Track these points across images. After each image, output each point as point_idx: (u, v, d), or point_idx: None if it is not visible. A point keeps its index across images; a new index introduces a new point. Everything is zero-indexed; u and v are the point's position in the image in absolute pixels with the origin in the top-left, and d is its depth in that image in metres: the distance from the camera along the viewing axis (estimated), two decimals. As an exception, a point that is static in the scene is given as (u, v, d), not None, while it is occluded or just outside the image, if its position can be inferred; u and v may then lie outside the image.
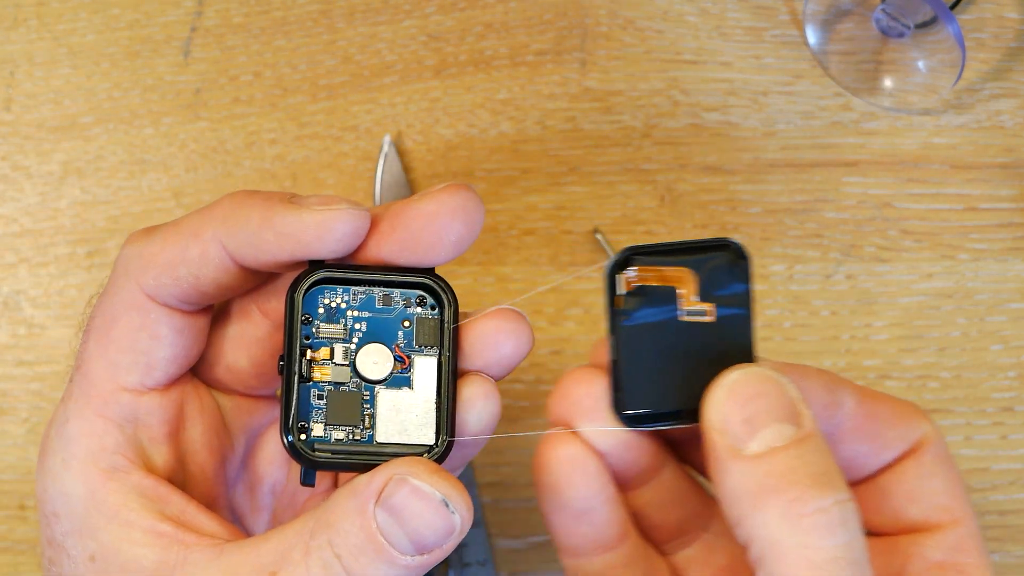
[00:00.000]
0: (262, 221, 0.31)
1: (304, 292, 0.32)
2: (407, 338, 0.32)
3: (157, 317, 0.33)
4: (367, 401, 0.32)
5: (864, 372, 0.54)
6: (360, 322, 0.32)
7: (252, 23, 0.58)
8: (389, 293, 0.32)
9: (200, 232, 0.32)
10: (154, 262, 0.32)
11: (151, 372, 0.33)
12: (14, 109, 0.57)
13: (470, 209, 0.32)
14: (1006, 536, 0.53)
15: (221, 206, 0.32)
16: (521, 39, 0.57)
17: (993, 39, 0.57)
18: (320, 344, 0.32)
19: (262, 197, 0.32)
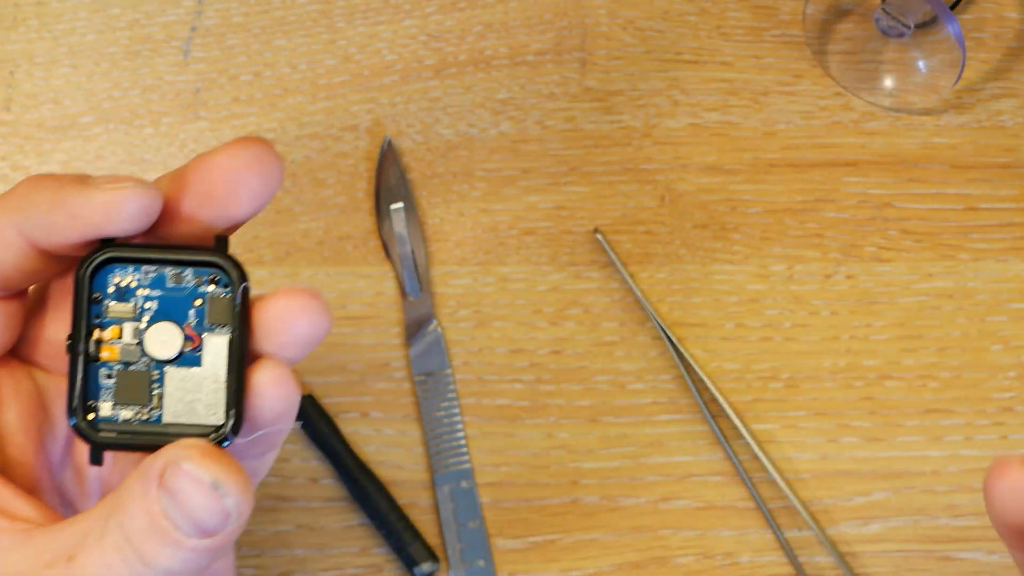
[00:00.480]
0: (52, 204, 0.31)
1: (93, 270, 0.31)
2: (199, 317, 0.32)
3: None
4: (156, 381, 0.32)
5: (864, 372, 0.54)
6: (151, 300, 0.32)
7: (252, 23, 0.58)
8: (181, 271, 0.32)
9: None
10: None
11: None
12: (14, 109, 0.57)
13: (265, 162, 0.32)
14: (1006, 536, 0.53)
15: (15, 192, 0.32)
16: (521, 39, 0.57)
17: (993, 39, 0.57)
18: (109, 323, 0.32)
19: (53, 180, 0.32)
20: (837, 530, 0.53)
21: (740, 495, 0.54)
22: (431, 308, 0.55)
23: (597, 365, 0.55)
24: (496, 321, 0.55)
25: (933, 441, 0.54)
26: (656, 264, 0.55)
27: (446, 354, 0.55)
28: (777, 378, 0.55)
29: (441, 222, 0.56)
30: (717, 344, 0.55)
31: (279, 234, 0.56)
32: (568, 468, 0.54)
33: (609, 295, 0.55)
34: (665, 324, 0.55)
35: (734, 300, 0.55)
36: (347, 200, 0.56)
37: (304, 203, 0.56)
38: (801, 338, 0.55)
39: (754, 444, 0.54)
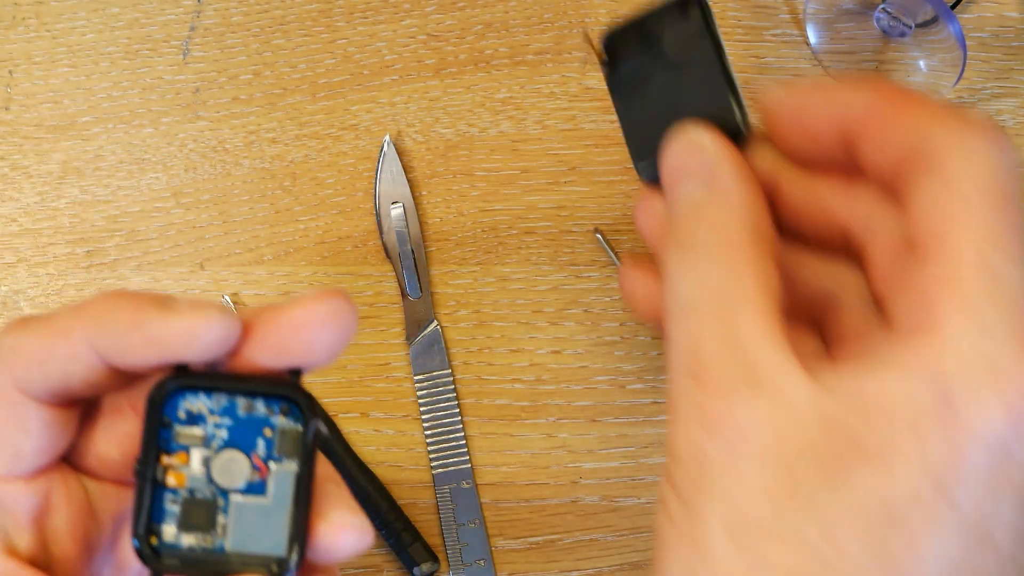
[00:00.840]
0: (131, 325, 0.31)
1: (165, 396, 0.31)
2: (267, 447, 0.32)
3: (27, 410, 0.32)
4: (221, 508, 0.32)
5: (865, 372, 0.54)
6: (220, 428, 0.32)
7: (251, 22, 0.58)
8: (252, 401, 0.32)
9: (69, 331, 0.32)
10: (25, 356, 0.32)
11: (18, 462, 0.33)
12: (13, 108, 0.57)
13: (342, 316, 0.32)
14: (1006, 536, 0.53)
15: (92, 306, 0.32)
16: (521, 38, 0.57)
17: (994, 38, 0.57)
18: (178, 448, 0.32)
19: (133, 299, 0.31)
20: (837, 530, 0.53)
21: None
22: (431, 308, 0.55)
23: (597, 365, 0.55)
24: (496, 321, 0.55)
25: (933, 441, 0.54)
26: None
27: (446, 354, 0.55)
28: (777, 378, 0.55)
29: (441, 222, 0.56)
30: (717, 344, 0.55)
31: (279, 234, 0.56)
32: (568, 468, 0.54)
33: (609, 295, 0.55)
34: (665, 324, 0.55)
35: (734, 300, 0.55)
36: (347, 200, 0.56)
37: (304, 203, 0.56)
38: (801, 338, 0.55)
39: (754, 444, 0.54)
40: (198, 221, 0.56)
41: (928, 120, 0.32)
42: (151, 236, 0.56)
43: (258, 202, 0.56)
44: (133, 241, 0.56)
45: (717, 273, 0.33)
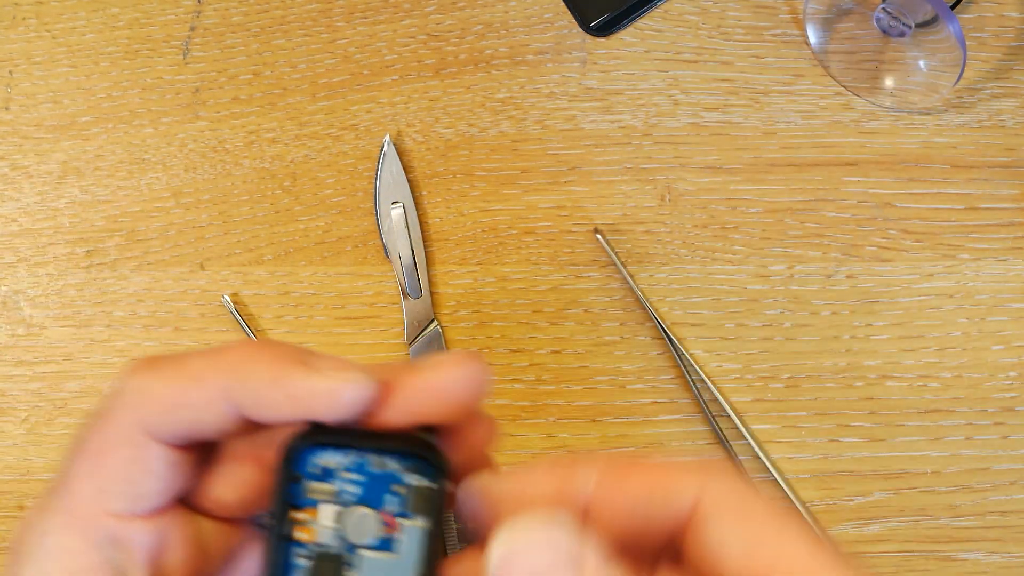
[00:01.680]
0: (272, 381, 0.31)
1: (299, 451, 0.31)
2: (398, 504, 0.32)
3: (151, 452, 0.33)
4: (350, 564, 0.31)
5: (864, 372, 0.54)
6: (352, 484, 0.32)
7: (251, 22, 0.58)
8: (384, 458, 0.32)
9: (205, 379, 0.32)
10: (155, 401, 0.32)
11: (139, 502, 0.33)
12: (13, 108, 0.57)
13: (478, 381, 0.32)
14: (1006, 536, 0.53)
15: (230, 355, 0.32)
16: (521, 38, 0.57)
17: (994, 38, 0.57)
18: (308, 503, 0.32)
19: (273, 353, 0.32)
20: (838, 531, 0.53)
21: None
22: (431, 308, 0.55)
23: (597, 365, 0.55)
24: (496, 321, 0.55)
25: (933, 441, 0.54)
26: (656, 264, 0.55)
27: (446, 354, 0.55)
28: (777, 378, 0.55)
29: (441, 222, 0.56)
30: (717, 344, 0.55)
31: (279, 234, 0.56)
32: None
33: (609, 295, 0.55)
34: (665, 324, 0.55)
35: (734, 300, 0.55)
36: (347, 200, 0.56)
37: (304, 203, 0.56)
38: (801, 338, 0.55)
39: (754, 444, 0.54)
40: (198, 221, 0.56)
41: (667, 482, 0.31)
42: (151, 236, 0.56)
43: (258, 202, 0.56)
44: (133, 241, 0.56)
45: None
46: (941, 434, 0.54)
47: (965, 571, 0.53)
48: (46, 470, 0.55)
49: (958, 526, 0.53)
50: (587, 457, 0.32)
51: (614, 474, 0.31)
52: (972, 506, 0.53)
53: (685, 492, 0.31)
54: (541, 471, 0.32)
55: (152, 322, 0.56)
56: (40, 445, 0.55)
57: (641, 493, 0.31)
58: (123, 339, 0.56)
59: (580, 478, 0.31)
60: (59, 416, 0.55)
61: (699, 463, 0.32)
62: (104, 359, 0.56)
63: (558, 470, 0.32)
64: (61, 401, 0.55)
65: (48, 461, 0.55)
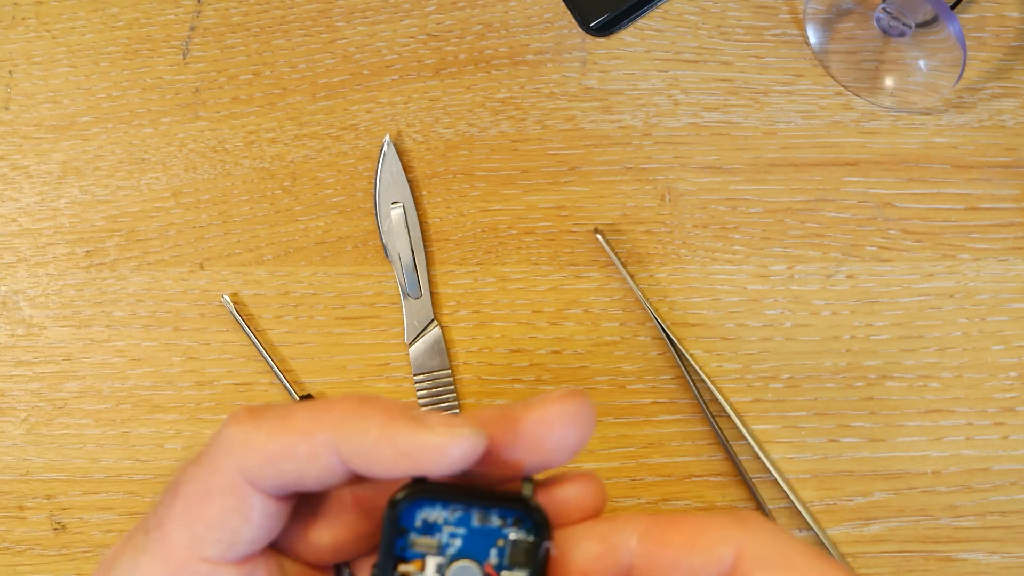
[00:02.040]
0: (380, 436, 0.31)
1: (405, 506, 0.32)
2: (499, 557, 0.32)
3: (251, 502, 0.33)
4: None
5: (865, 372, 0.54)
6: (455, 537, 0.32)
7: (251, 22, 0.58)
8: (487, 512, 0.32)
9: (311, 432, 0.32)
10: (259, 452, 0.32)
11: (234, 548, 0.33)
12: (12, 108, 0.57)
13: (586, 416, 0.33)
14: (1006, 536, 0.53)
15: (337, 409, 0.32)
16: (521, 38, 0.57)
17: (994, 38, 0.57)
18: (414, 556, 0.32)
19: (382, 408, 0.32)
20: (838, 530, 0.53)
21: (741, 495, 0.54)
22: (431, 308, 0.55)
23: (597, 365, 0.55)
24: (496, 321, 0.55)
25: (933, 441, 0.54)
26: (656, 264, 0.55)
27: (446, 354, 0.55)
28: (777, 378, 0.55)
29: (441, 222, 0.56)
30: (717, 344, 0.55)
31: (279, 234, 0.56)
32: (568, 468, 0.54)
33: (609, 295, 0.55)
34: (665, 324, 0.55)
35: (734, 300, 0.55)
36: (347, 200, 0.56)
37: (304, 203, 0.56)
38: (801, 338, 0.55)
39: (755, 444, 0.54)
40: (198, 221, 0.56)
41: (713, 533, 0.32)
42: (151, 236, 0.56)
43: (258, 202, 0.56)
44: (133, 241, 0.56)
45: None
46: (941, 434, 0.54)
47: (965, 571, 0.53)
48: (46, 470, 0.55)
49: (958, 526, 0.53)
50: (626, 516, 0.32)
51: (654, 532, 0.32)
52: (972, 506, 0.53)
53: (725, 546, 0.31)
54: (582, 532, 0.32)
55: (152, 322, 0.56)
56: (40, 445, 0.55)
57: (682, 550, 0.31)
58: (123, 339, 0.56)
59: (621, 539, 0.32)
60: (59, 416, 0.55)
61: (735, 515, 0.32)
62: (104, 359, 0.56)
63: (599, 529, 0.32)
64: (61, 401, 0.55)
65: (48, 461, 0.55)
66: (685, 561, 0.31)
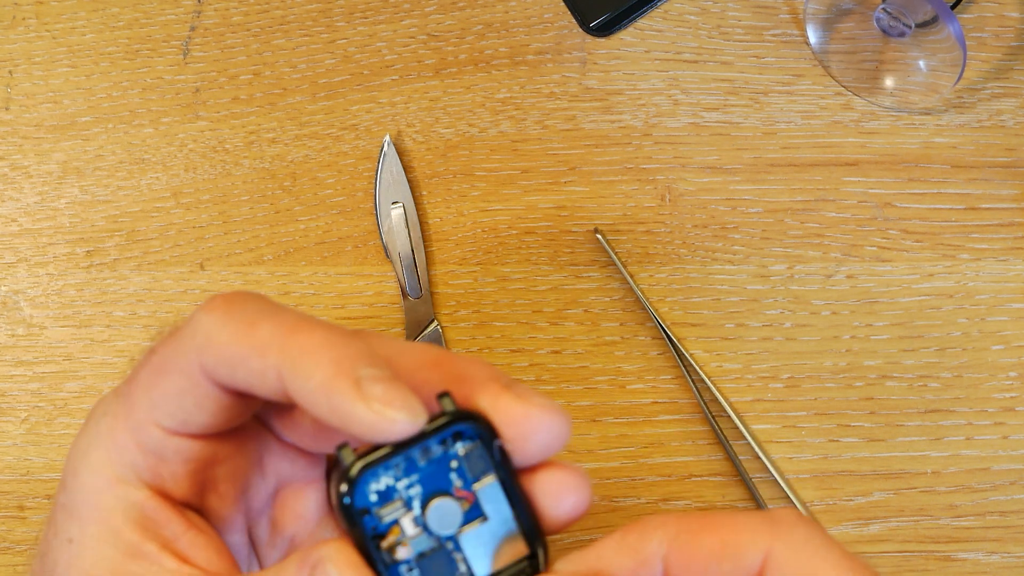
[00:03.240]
0: (320, 387, 0.31)
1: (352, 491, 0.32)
2: (460, 476, 0.32)
3: (205, 391, 0.33)
4: (455, 550, 0.32)
5: (865, 372, 0.54)
6: (412, 487, 0.32)
7: (251, 22, 0.58)
8: (425, 446, 0.32)
9: (266, 353, 0.31)
10: (217, 350, 0.32)
11: (187, 426, 0.33)
12: (13, 108, 0.57)
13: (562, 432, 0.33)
14: (1006, 536, 0.53)
15: (297, 340, 0.31)
16: (521, 38, 0.57)
17: (994, 38, 0.57)
18: (387, 526, 0.32)
19: (335, 358, 0.31)
20: (838, 530, 0.53)
21: (741, 495, 0.54)
22: (431, 308, 0.55)
23: (597, 365, 0.55)
24: (496, 321, 0.55)
25: (933, 441, 0.54)
26: (656, 264, 0.55)
27: (446, 354, 0.55)
28: (777, 378, 0.55)
29: (441, 222, 0.56)
30: (717, 344, 0.55)
31: (279, 234, 0.56)
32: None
33: (609, 295, 0.55)
34: (665, 324, 0.55)
35: (734, 300, 0.55)
36: (347, 200, 0.56)
37: (304, 203, 0.56)
38: (801, 338, 0.55)
39: (755, 444, 0.54)
40: (198, 221, 0.56)
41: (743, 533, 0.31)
42: (151, 236, 0.56)
43: (258, 202, 0.56)
44: (133, 241, 0.56)
45: None
46: (941, 434, 0.54)
47: (965, 571, 0.53)
48: (46, 470, 0.55)
49: (958, 526, 0.53)
50: (654, 522, 0.32)
51: (684, 538, 0.31)
52: (972, 506, 0.53)
53: (755, 547, 0.31)
54: (612, 547, 0.32)
55: (152, 322, 0.56)
56: (40, 445, 0.55)
57: (713, 553, 0.31)
58: (123, 339, 0.56)
59: (652, 549, 0.31)
60: (59, 416, 0.55)
61: (769, 517, 0.32)
62: (104, 359, 0.56)
63: (628, 540, 0.32)
64: (61, 401, 0.55)
65: (48, 461, 0.55)
66: (714, 567, 0.31)
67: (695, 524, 0.31)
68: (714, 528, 0.31)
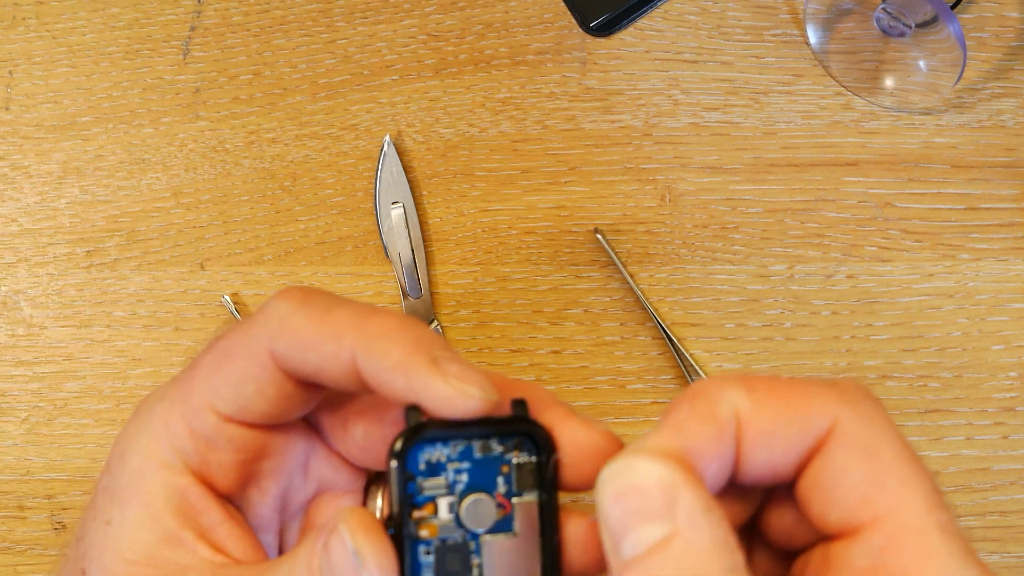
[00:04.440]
0: (398, 364, 0.31)
1: (406, 450, 0.32)
2: (507, 484, 0.32)
3: (270, 377, 0.33)
4: (474, 551, 0.32)
5: (865, 372, 0.54)
6: (460, 473, 0.32)
7: (251, 22, 0.58)
8: (487, 441, 0.32)
9: (342, 337, 0.32)
10: (291, 334, 0.33)
11: (244, 413, 0.34)
12: (13, 108, 0.57)
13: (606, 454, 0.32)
14: (1006, 536, 0.53)
15: (373, 323, 0.32)
16: (521, 38, 0.57)
17: (994, 38, 0.57)
18: (424, 500, 0.32)
19: (410, 338, 0.32)
20: (837, 530, 0.53)
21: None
22: (431, 308, 0.55)
23: (597, 365, 0.55)
24: (496, 321, 0.55)
25: (933, 441, 0.54)
26: (656, 264, 0.55)
27: (446, 354, 0.55)
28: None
29: (441, 222, 0.56)
30: (717, 344, 0.55)
31: (279, 234, 0.56)
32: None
33: (609, 295, 0.55)
34: (665, 324, 0.55)
35: (734, 300, 0.55)
36: (347, 200, 0.56)
37: (304, 203, 0.56)
38: (801, 338, 0.55)
39: (754, 444, 0.54)
40: (198, 221, 0.56)
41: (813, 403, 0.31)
42: (151, 236, 0.56)
43: (258, 202, 0.56)
44: (133, 241, 0.56)
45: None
46: (941, 434, 0.54)
47: (965, 571, 0.53)
48: (46, 470, 0.55)
49: (958, 526, 0.53)
50: (721, 386, 0.31)
51: (752, 399, 0.30)
52: (972, 506, 0.53)
53: (824, 412, 0.30)
54: (687, 416, 0.31)
55: (152, 322, 0.56)
56: (40, 445, 0.55)
57: (782, 417, 0.30)
58: (123, 339, 0.56)
59: (724, 411, 0.31)
60: (59, 416, 0.55)
61: (835, 383, 0.31)
62: (104, 359, 0.56)
63: (699, 407, 0.31)
64: (61, 401, 0.55)
65: (48, 461, 0.55)
66: (782, 430, 0.30)
67: (762, 388, 0.31)
68: (782, 392, 0.31)
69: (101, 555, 0.33)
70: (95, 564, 0.34)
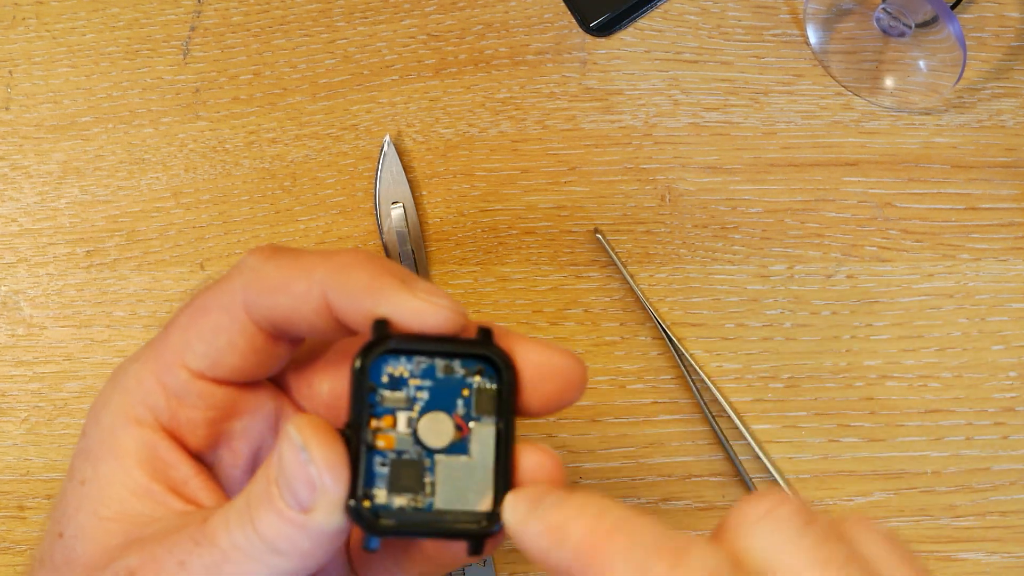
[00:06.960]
0: (367, 287, 0.32)
1: (369, 360, 0.32)
2: (466, 407, 0.32)
3: (241, 328, 0.34)
4: (428, 469, 0.32)
5: (865, 372, 0.54)
6: (422, 390, 0.32)
7: (251, 22, 0.58)
8: (450, 362, 0.32)
9: (311, 272, 0.33)
10: (262, 280, 0.34)
11: (215, 368, 0.34)
12: (13, 108, 0.57)
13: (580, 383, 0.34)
14: (1006, 536, 0.53)
15: (338, 258, 0.33)
16: (521, 38, 0.57)
17: (994, 38, 0.57)
18: (383, 412, 0.32)
19: (375, 265, 0.32)
20: (837, 530, 0.53)
21: (741, 495, 0.54)
22: (431, 308, 0.55)
23: (597, 365, 0.55)
24: (496, 321, 0.55)
25: (933, 441, 0.54)
26: (656, 264, 0.55)
27: (446, 354, 0.55)
28: (777, 378, 0.55)
29: (441, 222, 0.56)
30: (717, 344, 0.55)
31: (279, 234, 0.56)
32: (568, 468, 0.54)
33: (609, 295, 0.55)
34: (665, 324, 0.55)
35: (734, 300, 0.55)
36: (347, 200, 0.56)
37: (304, 203, 0.56)
38: (801, 338, 0.55)
39: (755, 444, 0.54)
40: (198, 221, 0.56)
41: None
42: (151, 236, 0.56)
43: (258, 202, 0.56)
44: (133, 241, 0.56)
45: None
46: (941, 434, 0.54)
47: (965, 571, 0.53)
48: (46, 470, 0.55)
49: (958, 526, 0.53)
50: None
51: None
52: (972, 506, 0.53)
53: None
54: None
55: (152, 322, 0.56)
56: (40, 445, 0.55)
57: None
58: (123, 339, 0.56)
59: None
60: (59, 416, 0.55)
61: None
62: (104, 359, 0.56)
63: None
64: (61, 401, 0.55)
65: (48, 461, 0.55)
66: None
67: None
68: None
69: (76, 514, 0.34)
70: (71, 524, 0.34)
